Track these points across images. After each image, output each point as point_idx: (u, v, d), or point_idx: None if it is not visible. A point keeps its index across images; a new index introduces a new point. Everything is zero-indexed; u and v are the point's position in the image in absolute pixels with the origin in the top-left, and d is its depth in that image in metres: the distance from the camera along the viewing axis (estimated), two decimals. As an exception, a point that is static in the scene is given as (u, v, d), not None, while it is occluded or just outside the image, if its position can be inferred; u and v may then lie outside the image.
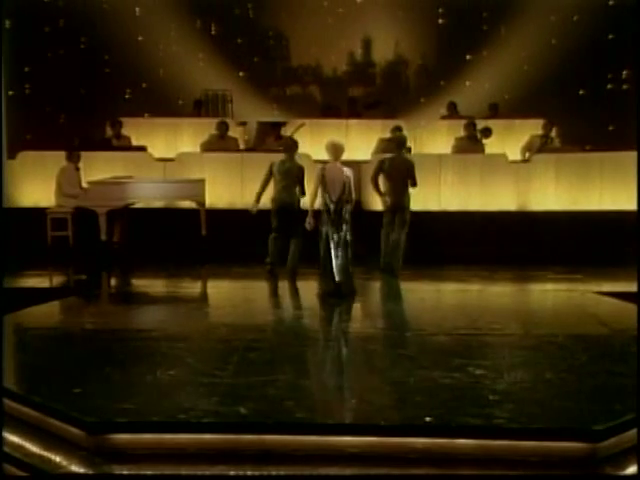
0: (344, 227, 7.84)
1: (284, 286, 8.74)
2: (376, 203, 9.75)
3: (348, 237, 7.87)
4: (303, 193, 8.80)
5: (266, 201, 9.03)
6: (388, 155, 9.11)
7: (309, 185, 8.43)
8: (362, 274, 8.80)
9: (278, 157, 8.99)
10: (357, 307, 7.96)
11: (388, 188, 8.92)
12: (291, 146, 9.00)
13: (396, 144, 9.09)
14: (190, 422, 4.26)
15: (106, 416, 4.32)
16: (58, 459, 4.21)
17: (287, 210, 8.77)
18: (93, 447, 4.21)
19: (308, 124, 12.39)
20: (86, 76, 14.40)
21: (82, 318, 7.34)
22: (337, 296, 7.75)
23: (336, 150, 8.01)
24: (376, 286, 8.92)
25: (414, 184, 8.88)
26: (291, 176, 8.77)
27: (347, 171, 7.95)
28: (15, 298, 7.29)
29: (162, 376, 5.11)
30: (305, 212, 8.27)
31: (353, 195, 7.99)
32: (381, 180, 8.97)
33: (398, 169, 8.87)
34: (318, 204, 8.02)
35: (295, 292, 8.65)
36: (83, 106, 14.03)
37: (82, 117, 13.59)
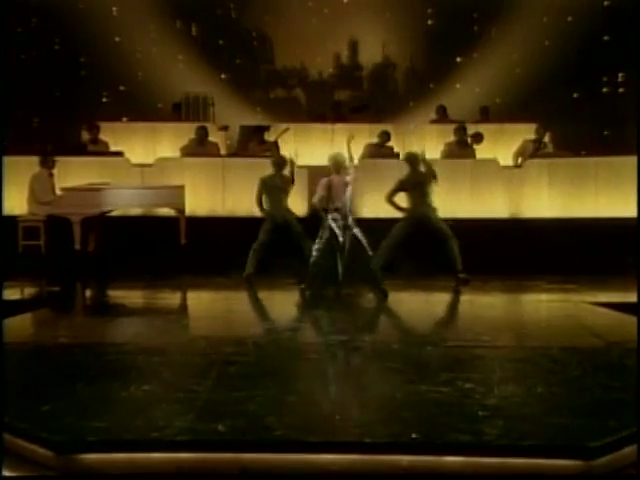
0: (350, 231, 8.26)
1: (269, 296, 8.76)
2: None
3: (359, 236, 8.27)
4: None
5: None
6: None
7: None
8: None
9: (265, 172, 9.34)
10: (342, 318, 7.92)
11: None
12: (281, 163, 9.35)
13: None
14: (164, 440, 4.19)
15: (76, 435, 4.26)
16: (25, 481, 4.14)
17: (284, 225, 9.15)
18: (62, 467, 4.14)
19: (293, 128, 12.38)
20: (61, 78, 14.35)
21: (55, 331, 7.26)
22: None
23: (336, 165, 8.48)
24: (362, 296, 8.89)
25: None
26: (284, 191, 9.22)
27: (349, 178, 8.44)
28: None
29: (136, 392, 5.04)
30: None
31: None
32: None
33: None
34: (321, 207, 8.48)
35: (283, 303, 8.70)
36: (57, 110, 13.97)
37: (56, 121, 13.54)
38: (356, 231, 8.31)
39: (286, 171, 9.35)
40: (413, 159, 9.29)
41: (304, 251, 8.97)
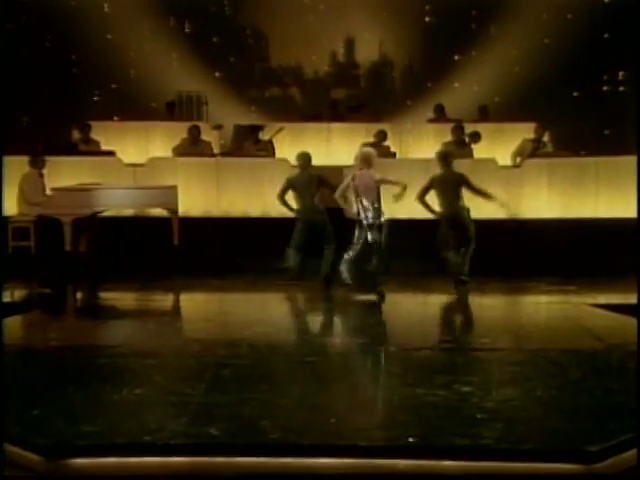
0: (381, 231, 8.21)
1: (264, 298, 8.76)
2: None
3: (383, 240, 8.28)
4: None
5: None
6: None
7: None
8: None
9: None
10: (339, 321, 7.94)
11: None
12: (304, 159, 9.29)
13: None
14: (157, 444, 4.18)
15: (66, 439, 4.25)
16: (14, 486, 4.13)
17: (316, 224, 9.06)
18: (51, 473, 4.12)
19: (288, 128, 12.39)
20: (51, 77, 14.32)
21: (45, 334, 7.26)
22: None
23: (363, 160, 8.42)
24: (359, 298, 8.89)
25: None
26: (311, 188, 9.11)
27: (377, 175, 8.35)
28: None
29: (128, 395, 5.04)
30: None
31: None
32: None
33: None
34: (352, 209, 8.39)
35: (282, 304, 8.71)
36: (48, 108, 13.95)
37: (47, 120, 13.52)
38: (385, 233, 8.24)
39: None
40: (446, 157, 9.32)
41: (324, 254, 8.99)
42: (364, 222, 8.20)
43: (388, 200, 8.59)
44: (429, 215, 9.47)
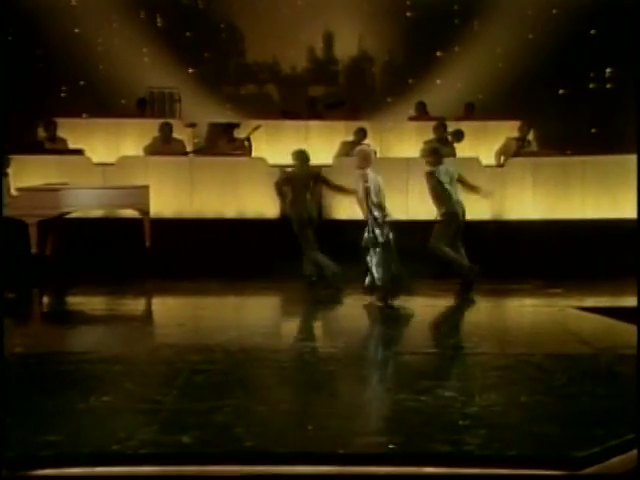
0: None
1: (241, 302, 8.78)
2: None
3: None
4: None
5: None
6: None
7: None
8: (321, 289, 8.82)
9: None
10: (317, 324, 7.94)
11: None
12: (300, 155, 9.36)
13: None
14: (125, 453, 4.16)
15: (30, 450, 4.21)
16: (-26, 498, 4.09)
17: (309, 218, 9.14)
18: (14, 484, 4.10)
19: (264, 126, 12.37)
20: (16, 72, 14.21)
21: (10, 340, 7.16)
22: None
23: (367, 156, 8.41)
24: (336, 301, 8.89)
25: None
26: (307, 185, 9.24)
27: (379, 176, 8.37)
28: None
29: (96, 403, 5.01)
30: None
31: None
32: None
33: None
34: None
35: (258, 308, 8.68)
36: (12, 105, 13.84)
37: (11, 117, 13.40)
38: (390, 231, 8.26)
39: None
40: (437, 152, 9.45)
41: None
42: (376, 226, 8.21)
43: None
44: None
